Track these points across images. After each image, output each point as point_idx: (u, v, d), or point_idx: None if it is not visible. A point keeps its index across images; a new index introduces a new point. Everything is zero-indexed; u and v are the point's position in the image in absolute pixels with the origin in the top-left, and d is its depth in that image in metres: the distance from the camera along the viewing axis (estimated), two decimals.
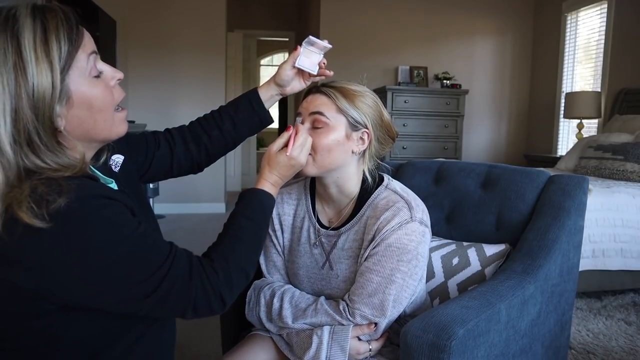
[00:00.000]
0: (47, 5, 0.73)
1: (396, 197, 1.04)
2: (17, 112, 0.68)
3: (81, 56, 0.74)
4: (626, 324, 2.24)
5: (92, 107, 0.76)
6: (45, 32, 0.69)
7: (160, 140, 1.09)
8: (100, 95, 0.77)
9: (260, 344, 1.11)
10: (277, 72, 1.12)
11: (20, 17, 0.69)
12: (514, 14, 5.32)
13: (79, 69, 0.73)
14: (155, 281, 0.74)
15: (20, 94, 0.68)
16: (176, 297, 0.76)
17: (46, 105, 0.70)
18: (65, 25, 0.72)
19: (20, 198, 0.65)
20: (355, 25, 5.04)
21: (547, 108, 5.11)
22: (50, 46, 0.69)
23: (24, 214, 0.64)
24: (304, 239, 1.14)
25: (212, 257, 0.83)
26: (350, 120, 1.03)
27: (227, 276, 0.81)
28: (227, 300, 0.81)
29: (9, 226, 0.66)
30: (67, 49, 0.71)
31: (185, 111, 4.79)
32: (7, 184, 0.67)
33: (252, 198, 0.93)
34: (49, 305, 0.71)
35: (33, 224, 0.65)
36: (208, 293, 0.79)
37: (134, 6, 4.64)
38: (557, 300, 1.16)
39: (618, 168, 3.15)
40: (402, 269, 0.98)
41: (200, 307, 0.79)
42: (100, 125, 0.78)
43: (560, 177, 1.26)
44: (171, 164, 1.10)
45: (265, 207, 0.94)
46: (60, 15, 0.72)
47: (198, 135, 1.12)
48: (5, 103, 0.67)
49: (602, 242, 2.45)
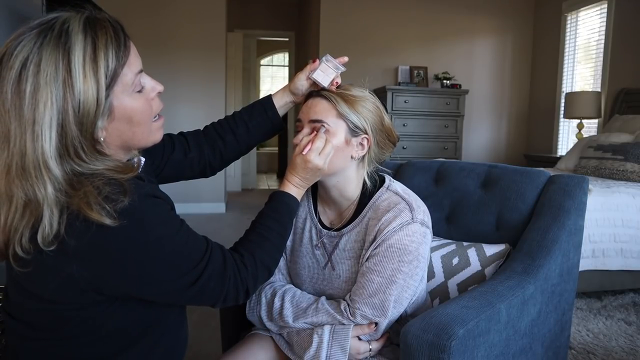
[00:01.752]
0: (98, 17, 0.76)
1: (397, 199, 1.05)
2: (63, 127, 0.71)
3: (126, 73, 0.76)
4: (626, 324, 2.24)
5: (132, 120, 0.79)
6: (95, 50, 0.72)
7: (175, 143, 1.10)
8: (140, 109, 0.80)
9: (259, 344, 1.11)
10: (292, 80, 1.14)
11: (72, 33, 0.72)
12: (514, 14, 5.32)
13: (123, 85, 0.76)
14: (197, 273, 0.80)
15: (67, 109, 0.71)
16: (213, 288, 0.82)
17: (90, 120, 0.73)
18: (114, 43, 0.74)
19: (88, 199, 0.69)
20: (355, 25, 5.04)
21: (547, 108, 5.11)
22: (98, 64, 0.72)
23: (95, 214, 0.69)
24: (306, 240, 1.14)
25: (241, 252, 0.90)
26: (350, 125, 1.03)
27: (253, 271, 0.88)
28: (250, 292, 0.89)
29: (73, 228, 0.70)
30: (114, 66, 0.74)
31: (185, 111, 4.79)
32: (61, 194, 0.70)
33: (280, 201, 0.99)
34: (98, 296, 0.75)
35: (103, 222, 0.69)
36: (238, 285, 0.86)
37: (134, 6, 4.65)
38: (557, 300, 1.16)
39: (618, 168, 3.15)
40: (403, 269, 0.98)
41: (229, 298, 0.86)
42: (138, 137, 0.82)
43: (560, 177, 1.26)
44: (183, 167, 1.12)
45: (291, 210, 1.00)
46: (110, 32, 0.75)
47: (213, 139, 1.14)
48: (52, 118, 0.70)
49: (602, 242, 2.45)
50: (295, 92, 1.14)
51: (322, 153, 0.99)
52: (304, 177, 1.01)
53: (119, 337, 0.81)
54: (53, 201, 0.69)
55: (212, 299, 0.84)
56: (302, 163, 0.98)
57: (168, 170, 1.09)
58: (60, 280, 0.73)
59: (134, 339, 0.83)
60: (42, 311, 0.77)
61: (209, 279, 0.81)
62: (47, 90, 0.69)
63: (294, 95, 1.15)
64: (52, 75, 0.69)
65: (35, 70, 0.69)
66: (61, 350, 0.79)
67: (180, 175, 1.13)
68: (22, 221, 0.71)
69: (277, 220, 0.96)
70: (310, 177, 1.01)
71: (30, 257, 0.71)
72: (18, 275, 0.74)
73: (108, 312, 0.78)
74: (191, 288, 0.80)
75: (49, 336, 0.78)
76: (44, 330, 0.78)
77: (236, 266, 0.86)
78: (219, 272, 0.83)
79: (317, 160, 0.98)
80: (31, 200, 0.70)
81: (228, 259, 0.85)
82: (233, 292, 0.85)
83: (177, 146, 1.10)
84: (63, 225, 0.69)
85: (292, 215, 1.00)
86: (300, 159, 0.99)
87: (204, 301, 0.84)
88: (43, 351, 0.79)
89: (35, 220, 0.70)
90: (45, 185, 0.69)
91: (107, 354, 0.81)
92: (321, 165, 0.99)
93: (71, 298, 0.75)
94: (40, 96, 0.69)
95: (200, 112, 4.80)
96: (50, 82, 0.69)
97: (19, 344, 0.81)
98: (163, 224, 0.77)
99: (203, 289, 0.81)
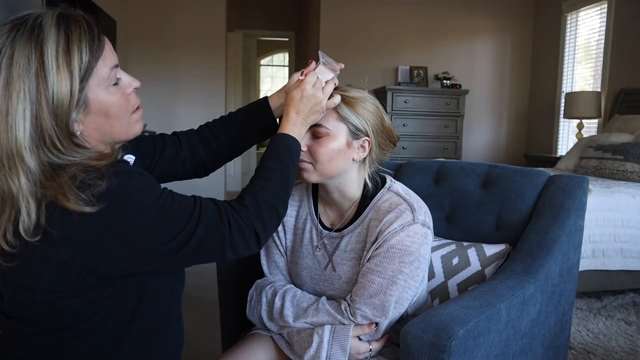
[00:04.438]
0: (72, 14, 0.76)
1: (399, 200, 1.05)
2: (37, 118, 0.71)
3: (101, 66, 0.77)
4: (626, 324, 2.24)
5: (109, 114, 0.80)
6: (68, 43, 0.73)
7: (166, 143, 1.10)
8: (117, 103, 0.81)
9: (259, 344, 1.11)
10: (288, 82, 1.12)
11: (46, 26, 0.72)
12: (514, 14, 5.31)
13: (98, 79, 0.77)
14: (189, 230, 0.78)
15: (41, 101, 0.71)
16: (212, 239, 0.81)
17: (64, 111, 0.73)
18: (87, 37, 0.75)
19: (63, 190, 0.69)
20: (355, 25, 5.04)
21: (547, 108, 5.11)
22: (71, 56, 0.73)
23: (72, 204, 0.69)
24: (307, 241, 1.14)
25: (242, 196, 0.88)
26: (351, 128, 1.03)
27: (257, 210, 0.86)
28: (260, 234, 0.85)
29: (54, 218, 0.70)
30: (87, 59, 0.74)
31: (185, 111, 4.79)
32: (35, 185, 0.71)
33: (279, 142, 0.96)
34: (95, 280, 0.76)
35: (83, 211, 0.69)
36: (241, 227, 0.83)
37: (134, 6, 4.65)
38: (557, 300, 1.16)
39: (618, 168, 3.15)
40: (404, 270, 0.98)
41: (237, 244, 0.83)
42: (116, 130, 0.82)
43: (560, 177, 1.26)
44: (175, 167, 1.11)
45: (292, 150, 0.96)
46: (83, 26, 0.75)
47: (207, 139, 1.13)
48: (25, 109, 0.71)
49: (602, 242, 2.45)
50: None
51: (315, 85, 0.97)
52: (300, 111, 0.97)
53: (112, 325, 0.81)
54: (28, 192, 0.70)
55: (217, 251, 0.82)
56: (299, 93, 0.96)
57: (160, 169, 1.09)
58: (53, 269, 0.73)
59: (126, 327, 0.83)
60: (36, 304, 0.77)
61: (204, 232, 0.79)
62: (20, 81, 0.70)
63: None
64: (25, 67, 0.71)
65: (8, 63, 0.70)
66: (55, 344, 0.79)
67: (172, 175, 1.12)
68: (3, 216, 0.72)
69: (278, 161, 0.93)
70: (308, 112, 0.98)
71: (16, 250, 0.72)
72: (8, 271, 0.74)
73: (102, 296, 0.78)
74: (188, 245, 0.78)
75: (42, 330, 0.78)
76: (38, 325, 0.78)
77: (234, 211, 0.83)
78: (215, 224, 0.81)
79: (313, 90, 0.97)
80: (6, 193, 0.71)
81: (222, 207, 0.83)
82: (238, 236, 0.83)
83: (168, 145, 1.10)
84: (43, 216, 0.70)
85: (293, 155, 0.96)
86: (296, 92, 0.97)
87: (208, 256, 0.82)
88: (37, 346, 0.79)
89: (17, 214, 0.71)
90: (18, 177, 0.70)
91: (99, 345, 0.81)
92: (317, 95, 0.97)
93: (67, 284, 0.75)
94: (13, 88, 0.70)
95: (200, 112, 4.79)
96: (23, 74, 0.70)
97: (15, 341, 0.81)
98: (142, 192, 0.76)
99: (201, 243, 0.79)
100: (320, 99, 0.97)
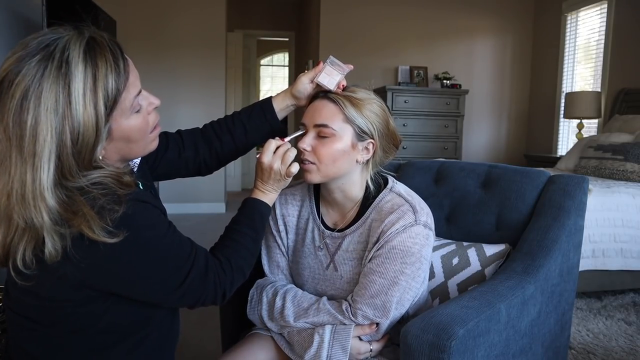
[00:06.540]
0: (98, 43, 0.75)
1: (401, 201, 1.05)
2: (60, 158, 0.72)
3: (125, 97, 0.77)
4: (626, 324, 2.24)
5: (130, 139, 0.81)
6: (95, 82, 0.73)
7: (169, 142, 1.11)
8: (137, 127, 0.82)
9: (259, 343, 1.11)
10: (295, 83, 1.13)
11: (72, 62, 0.72)
12: (514, 14, 5.31)
13: (121, 109, 0.77)
14: (183, 274, 0.83)
15: (66, 142, 0.72)
16: (195, 290, 0.85)
17: (88, 149, 0.74)
18: (114, 72, 0.75)
19: (88, 223, 0.71)
20: (355, 24, 5.04)
21: (547, 108, 5.11)
22: (98, 94, 0.73)
23: (95, 235, 0.71)
24: (309, 240, 1.14)
25: (219, 257, 0.92)
26: (356, 129, 1.02)
27: (231, 274, 0.92)
28: (227, 296, 0.92)
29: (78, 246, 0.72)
30: (114, 94, 0.75)
31: (185, 111, 4.79)
32: (57, 223, 0.72)
33: (251, 207, 1.02)
34: (92, 292, 0.78)
35: (105, 241, 0.71)
36: (216, 289, 0.89)
37: (134, 6, 4.64)
38: (557, 300, 1.16)
39: (618, 168, 3.15)
40: (406, 271, 0.98)
41: (207, 300, 0.89)
42: (134, 151, 0.84)
43: (560, 177, 1.26)
44: (178, 166, 1.12)
45: (262, 215, 1.02)
46: (110, 61, 0.75)
47: (210, 139, 1.14)
48: (51, 152, 0.71)
49: (602, 242, 2.45)
50: (298, 96, 1.13)
51: (276, 154, 0.99)
52: (266, 182, 1.02)
53: (112, 334, 0.83)
54: (51, 228, 0.71)
55: (194, 299, 0.87)
56: (259, 165, 1.01)
57: (162, 168, 1.10)
58: (54, 279, 0.75)
59: (126, 334, 0.85)
60: (40, 308, 0.79)
61: (193, 281, 0.84)
62: (48, 123, 0.70)
63: (295, 99, 1.14)
64: (53, 107, 0.71)
65: (37, 103, 0.70)
66: (56, 340, 0.81)
67: (175, 173, 1.14)
68: (22, 240, 0.73)
69: (251, 227, 0.99)
70: (272, 182, 1.01)
71: (30, 271, 0.73)
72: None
73: (103, 307, 0.80)
74: (179, 288, 0.83)
75: (45, 330, 0.81)
76: (41, 324, 0.81)
77: (216, 271, 0.89)
78: (202, 274, 0.86)
79: (269, 162, 0.99)
80: (30, 227, 0.72)
81: (210, 263, 0.88)
82: (211, 295, 0.88)
83: (170, 145, 1.10)
84: (69, 246, 0.72)
85: (264, 222, 1.02)
86: (258, 163, 1.01)
87: (186, 301, 0.87)
88: (40, 339, 0.82)
89: (37, 242, 0.73)
90: (42, 214, 0.71)
91: (99, 347, 0.83)
92: (275, 167, 0.99)
93: (65, 295, 0.77)
94: (41, 130, 0.70)
95: (200, 112, 4.79)
96: (51, 116, 0.71)
97: (19, 332, 0.83)
98: (152, 228, 0.79)
99: (188, 289, 0.84)
100: (278, 169, 1.00)
